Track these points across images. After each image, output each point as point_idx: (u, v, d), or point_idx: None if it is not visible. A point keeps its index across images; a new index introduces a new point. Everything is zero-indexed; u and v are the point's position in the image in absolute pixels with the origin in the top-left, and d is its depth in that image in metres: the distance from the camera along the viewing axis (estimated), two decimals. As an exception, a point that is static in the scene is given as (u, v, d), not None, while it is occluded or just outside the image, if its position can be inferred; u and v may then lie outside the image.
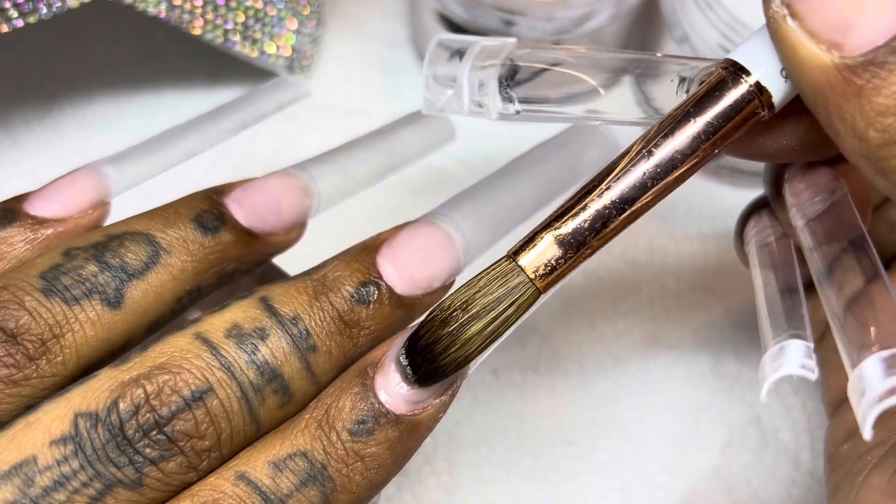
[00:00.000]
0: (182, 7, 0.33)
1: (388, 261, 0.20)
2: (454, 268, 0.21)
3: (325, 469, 0.17)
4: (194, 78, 0.38)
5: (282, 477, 0.17)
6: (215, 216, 0.20)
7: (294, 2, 0.37)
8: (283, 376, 0.18)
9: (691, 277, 0.35)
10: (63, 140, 0.36)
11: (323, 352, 0.18)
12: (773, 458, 0.31)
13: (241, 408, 0.17)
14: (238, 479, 0.17)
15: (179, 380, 0.17)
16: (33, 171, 0.36)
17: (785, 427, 0.32)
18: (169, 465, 0.17)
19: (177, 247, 0.19)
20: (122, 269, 0.19)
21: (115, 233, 0.19)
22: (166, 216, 0.20)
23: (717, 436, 0.32)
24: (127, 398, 0.17)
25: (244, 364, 0.18)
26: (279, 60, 0.36)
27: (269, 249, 0.21)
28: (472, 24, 0.34)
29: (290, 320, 0.18)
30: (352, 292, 0.19)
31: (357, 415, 0.18)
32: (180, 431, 0.17)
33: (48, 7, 0.30)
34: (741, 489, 0.31)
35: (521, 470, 0.31)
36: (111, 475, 0.16)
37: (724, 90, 0.18)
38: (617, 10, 0.34)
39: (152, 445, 0.17)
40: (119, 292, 0.18)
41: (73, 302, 0.18)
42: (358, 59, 0.39)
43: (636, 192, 0.18)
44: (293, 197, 0.22)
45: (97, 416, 0.17)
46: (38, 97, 0.37)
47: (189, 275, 0.19)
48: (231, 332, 0.18)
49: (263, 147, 0.36)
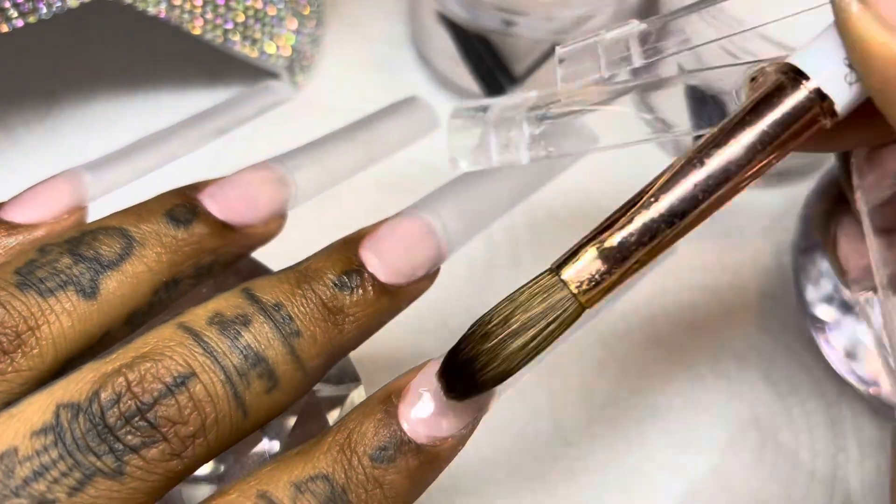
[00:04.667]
0: (182, 7, 0.33)
1: (370, 251, 0.20)
2: (437, 256, 0.21)
3: (345, 494, 0.17)
4: (194, 78, 0.38)
5: (302, 498, 0.17)
6: (187, 209, 0.20)
7: (294, 2, 0.37)
8: (268, 360, 0.18)
9: (691, 277, 0.35)
10: (63, 140, 0.36)
11: (307, 337, 0.18)
12: (773, 458, 0.31)
13: (225, 392, 0.17)
14: (259, 497, 0.17)
15: (161, 367, 0.17)
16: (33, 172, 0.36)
17: (785, 427, 0.32)
18: (151, 453, 0.16)
19: (150, 239, 0.19)
20: (97, 260, 0.19)
21: (88, 229, 0.19)
22: (139, 212, 0.20)
23: (717, 436, 0.32)
24: (108, 387, 0.17)
25: (227, 349, 0.18)
26: (279, 60, 0.36)
27: (247, 241, 0.21)
28: (472, 24, 0.34)
29: (272, 307, 0.18)
30: (334, 280, 0.19)
31: (379, 441, 0.18)
32: (163, 417, 0.17)
33: (48, 7, 0.30)
34: (741, 489, 0.31)
35: (521, 470, 0.31)
36: (91, 464, 0.16)
37: (782, 97, 0.17)
38: (617, 10, 0.34)
39: (133, 433, 0.16)
40: (94, 283, 0.18)
41: (48, 294, 0.18)
42: (358, 59, 0.39)
43: (686, 204, 0.17)
44: (269, 189, 0.22)
45: (79, 406, 0.16)
46: (38, 97, 0.37)
47: (164, 266, 0.19)
48: (213, 320, 0.18)
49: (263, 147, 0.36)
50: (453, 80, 0.37)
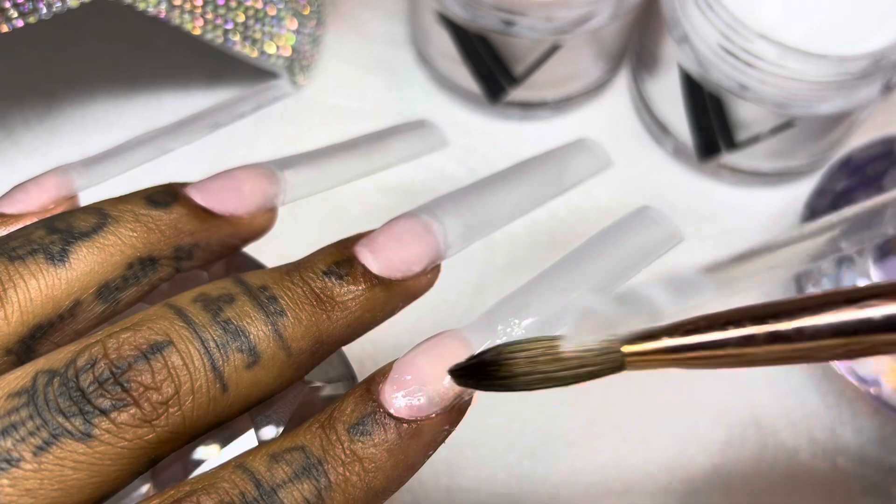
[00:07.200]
0: (182, 7, 0.33)
1: (365, 247, 0.20)
2: (433, 253, 0.21)
3: (320, 464, 0.17)
4: (194, 78, 0.38)
5: (277, 467, 0.17)
6: (167, 193, 0.20)
7: (294, 2, 0.37)
8: (249, 335, 0.18)
9: (691, 277, 0.35)
10: (63, 140, 0.36)
11: (292, 318, 0.19)
12: (773, 458, 0.31)
13: (202, 363, 0.17)
14: (236, 468, 0.17)
15: (139, 336, 0.17)
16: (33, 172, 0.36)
17: (785, 427, 0.32)
18: (121, 416, 0.17)
19: (126, 217, 0.20)
20: (69, 231, 0.19)
21: (68, 209, 0.20)
22: (119, 197, 0.20)
23: (717, 436, 0.32)
24: (85, 354, 0.17)
25: (207, 321, 0.18)
26: (279, 60, 0.36)
27: (232, 230, 0.21)
28: (472, 24, 0.34)
29: (258, 288, 0.18)
30: (323, 268, 0.19)
31: (357, 415, 0.18)
32: (135, 381, 0.17)
33: (48, 7, 0.30)
34: (741, 489, 0.31)
35: (522, 470, 0.31)
36: (59, 425, 0.16)
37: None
38: (617, 10, 0.34)
39: (104, 395, 0.17)
40: (64, 251, 0.19)
41: (17, 260, 0.18)
42: (358, 59, 0.39)
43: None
44: (255, 181, 0.22)
45: (55, 371, 0.17)
46: (38, 97, 0.37)
47: (139, 241, 0.20)
48: (198, 298, 0.18)
49: (263, 148, 0.36)
50: (453, 80, 0.37)
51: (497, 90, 0.37)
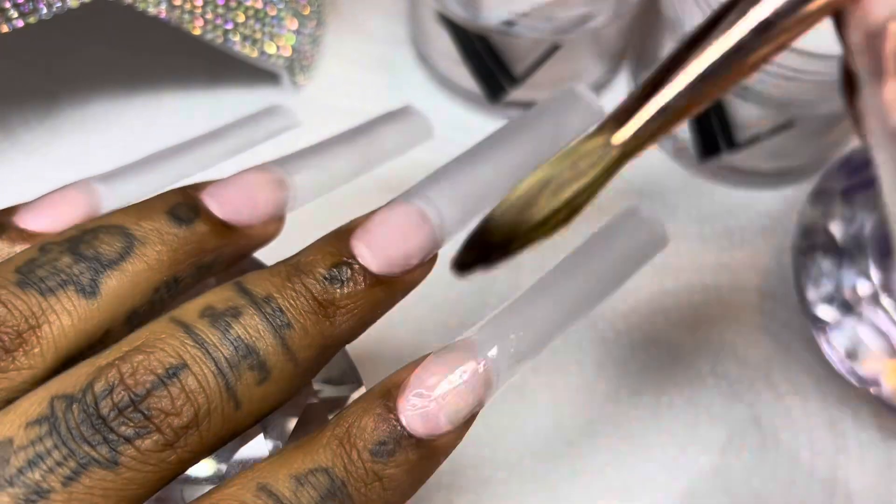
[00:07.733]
0: (182, 7, 0.33)
1: (361, 242, 0.20)
2: (431, 244, 0.21)
3: (344, 486, 0.17)
4: (194, 78, 0.38)
5: (303, 491, 0.17)
6: (189, 208, 0.20)
7: (294, 2, 0.37)
8: (259, 352, 0.18)
9: (691, 277, 0.35)
10: (63, 140, 0.36)
11: (298, 328, 0.18)
12: (773, 458, 0.31)
13: (217, 384, 0.17)
14: (259, 490, 0.17)
15: (153, 359, 0.17)
16: (33, 172, 0.36)
17: (785, 427, 0.32)
18: (145, 443, 0.17)
19: (151, 238, 0.19)
20: (97, 259, 0.19)
21: (89, 227, 0.19)
22: (140, 210, 0.20)
23: (717, 436, 0.32)
24: (101, 379, 0.17)
25: (218, 341, 0.18)
26: (279, 60, 0.36)
27: (246, 241, 0.21)
28: (472, 24, 0.34)
29: (262, 300, 0.18)
30: (324, 273, 0.19)
31: (379, 436, 0.18)
32: (156, 408, 0.17)
33: (48, 7, 0.30)
34: (741, 489, 0.31)
35: (522, 470, 0.31)
36: (86, 454, 0.16)
37: None
38: (617, 10, 0.34)
39: (127, 423, 0.17)
40: (94, 282, 0.18)
41: (48, 293, 0.18)
42: (358, 59, 0.39)
43: None
44: (268, 190, 0.22)
45: (72, 397, 0.17)
46: (38, 97, 0.37)
47: (165, 265, 0.19)
48: (205, 313, 0.18)
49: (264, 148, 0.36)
50: (453, 80, 0.37)
51: (497, 90, 0.37)
